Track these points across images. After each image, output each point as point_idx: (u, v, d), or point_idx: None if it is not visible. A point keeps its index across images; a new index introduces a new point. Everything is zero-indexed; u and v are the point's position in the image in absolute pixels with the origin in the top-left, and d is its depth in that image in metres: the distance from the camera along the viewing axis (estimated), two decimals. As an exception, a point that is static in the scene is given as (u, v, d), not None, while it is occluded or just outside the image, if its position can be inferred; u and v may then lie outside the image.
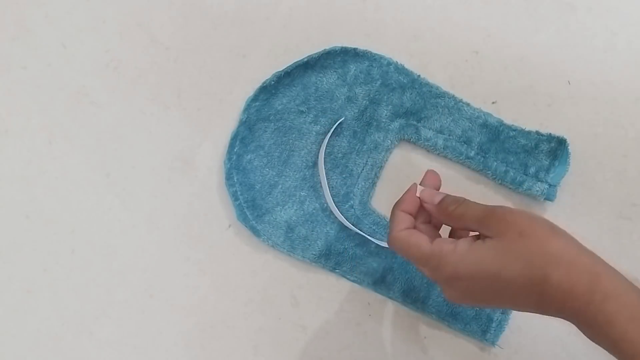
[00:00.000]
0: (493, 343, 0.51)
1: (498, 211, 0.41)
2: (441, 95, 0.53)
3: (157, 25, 0.56)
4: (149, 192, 0.55)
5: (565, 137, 0.52)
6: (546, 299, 0.38)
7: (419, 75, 0.54)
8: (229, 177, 0.53)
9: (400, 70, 0.54)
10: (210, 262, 0.54)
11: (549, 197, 0.52)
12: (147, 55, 0.56)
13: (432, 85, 0.54)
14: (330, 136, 0.54)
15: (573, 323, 0.38)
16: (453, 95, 0.53)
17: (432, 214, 0.45)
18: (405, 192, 0.45)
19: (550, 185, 0.52)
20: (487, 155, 0.52)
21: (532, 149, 0.52)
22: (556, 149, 0.52)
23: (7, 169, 0.55)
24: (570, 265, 0.38)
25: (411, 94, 0.53)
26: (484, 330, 0.51)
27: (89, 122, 0.56)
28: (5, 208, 0.55)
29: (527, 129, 0.52)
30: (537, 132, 0.52)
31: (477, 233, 0.42)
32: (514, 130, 0.52)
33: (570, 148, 0.52)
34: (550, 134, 0.52)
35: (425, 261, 0.42)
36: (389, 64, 0.54)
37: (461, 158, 0.53)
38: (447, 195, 0.44)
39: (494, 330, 0.51)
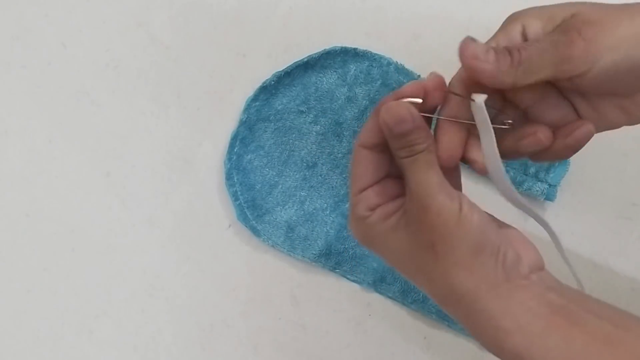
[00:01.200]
0: (493, 343, 0.51)
1: (423, 201, 0.34)
2: (441, 95, 0.53)
3: (157, 25, 0.56)
4: (149, 192, 0.55)
5: (565, 137, 0.52)
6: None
7: (419, 75, 0.54)
8: (229, 177, 0.53)
9: (400, 70, 0.54)
10: (210, 262, 0.54)
11: (549, 197, 0.52)
12: (147, 55, 0.56)
13: (432, 85, 0.54)
14: (331, 136, 0.54)
15: None
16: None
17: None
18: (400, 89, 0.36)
19: (550, 185, 0.52)
20: (487, 155, 0.52)
21: (532, 149, 0.52)
22: (556, 149, 0.52)
23: (7, 169, 0.55)
24: (472, 311, 0.34)
25: (411, 93, 0.53)
26: (484, 330, 0.51)
27: (89, 122, 0.56)
28: (5, 208, 0.55)
29: (527, 129, 0.52)
30: (537, 132, 0.52)
31: None
32: (514, 130, 0.52)
33: (570, 148, 0.52)
34: (550, 134, 0.52)
35: (349, 201, 0.37)
36: (389, 64, 0.54)
37: (461, 158, 0.53)
38: (414, 131, 0.35)
39: (494, 330, 0.51)
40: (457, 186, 0.39)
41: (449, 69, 0.54)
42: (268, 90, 0.54)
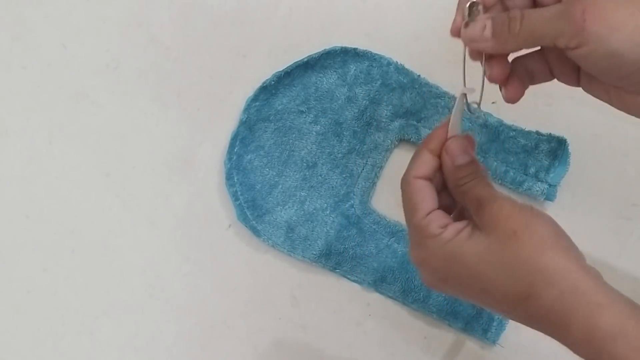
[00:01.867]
0: (494, 342, 0.51)
1: (495, 202, 0.36)
2: (441, 95, 0.53)
3: (157, 25, 0.56)
4: (149, 192, 0.55)
5: (565, 137, 0.52)
6: (534, 319, 0.35)
7: (419, 75, 0.54)
8: (229, 177, 0.53)
9: (400, 70, 0.54)
10: (210, 262, 0.54)
11: (549, 197, 0.52)
12: (147, 55, 0.56)
13: (432, 85, 0.54)
14: (331, 136, 0.54)
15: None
16: (453, 95, 0.53)
17: (444, 173, 0.40)
18: (438, 126, 0.40)
19: (550, 185, 0.52)
20: (487, 156, 0.52)
21: (532, 149, 0.52)
22: (556, 149, 0.52)
23: (7, 169, 0.55)
24: (565, 289, 0.34)
25: (411, 94, 0.53)
26: (485, 329, 0.51)
27: (89, 122, 0.56)
28: (5, 208, 0.55)
29: (527, 129, 0.52)
30: (537, 132, 0.52)
31: None
32: (514, 130, 0.52)
33: (570, 148, 0.52)
34: (550, 134, 0.52)
35: (412, 230, 0.39)
36: (389, 64, 0.54)
37: (461, 158, 0.53)
38: (473, 162, 0.39)
39: (495, 329, 0.51)
40: None
41: (449, 68, 0.54)
42: (268, 90, 0.54)
